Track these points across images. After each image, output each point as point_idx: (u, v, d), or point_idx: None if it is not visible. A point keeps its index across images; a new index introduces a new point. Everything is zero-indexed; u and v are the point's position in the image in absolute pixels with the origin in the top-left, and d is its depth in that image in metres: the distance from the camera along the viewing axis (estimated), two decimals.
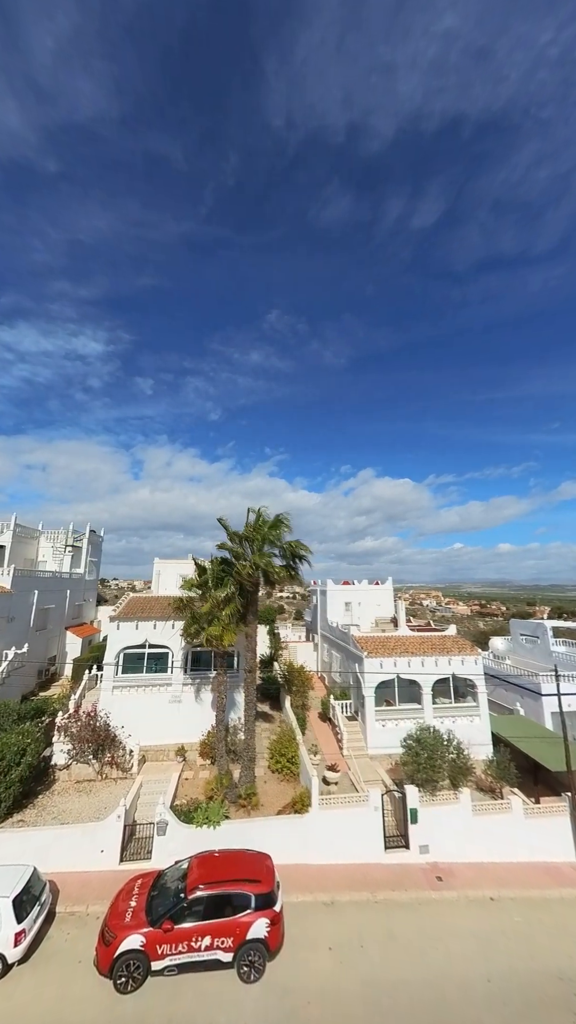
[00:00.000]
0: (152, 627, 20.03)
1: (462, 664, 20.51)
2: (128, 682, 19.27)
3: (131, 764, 17.23)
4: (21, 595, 23.16)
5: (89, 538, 33.19)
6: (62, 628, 27.91)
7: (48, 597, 26.13)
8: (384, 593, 31.42)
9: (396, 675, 20.15)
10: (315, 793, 14.05)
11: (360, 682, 20.51)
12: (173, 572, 28.66)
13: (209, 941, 9.52)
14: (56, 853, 12.41)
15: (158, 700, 19.28)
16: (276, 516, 17.73)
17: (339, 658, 25.75)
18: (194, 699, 19.66)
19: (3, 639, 21.22)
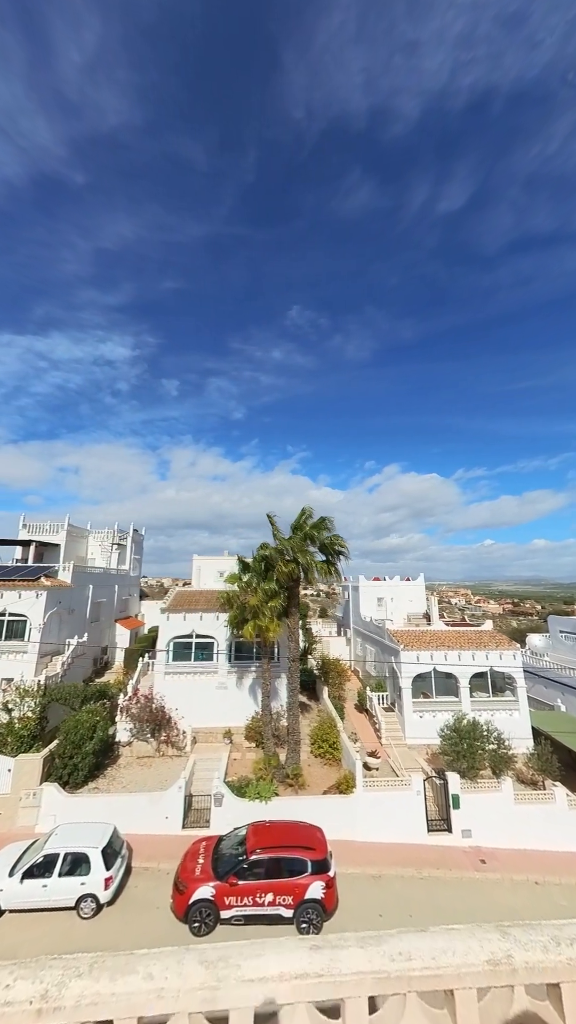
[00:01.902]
0: (199, 618, 21.45)
1: (500, 659, 20.60)
2: (178, 669, 20.81)
3: (185, 743, 18.71)
4: (79, 589, 25.33)
5: (132, 537, 35.42)
6: (112, 620, 30.13)
7: (100, 592, 28.31)
8: (416, 589, 31.59)
9: (433, 668, 20.54)
10: (359, 776, 14.86)
11: (397, 674, 21.06)
12: (211, 568, 30.20)
13: (271, 898, 10.62)
14: (128, 817, 13.93)
15: (205, 686, 20.69)
16: (321, 518, 18.45)
17: (373, 651, 26.33)
18: (237, 686, 20.94)
19: (66, 629, 23.37)
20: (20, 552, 28.78)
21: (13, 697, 18.33)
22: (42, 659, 21.17)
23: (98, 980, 1.10)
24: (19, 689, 18.62)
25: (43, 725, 17.61)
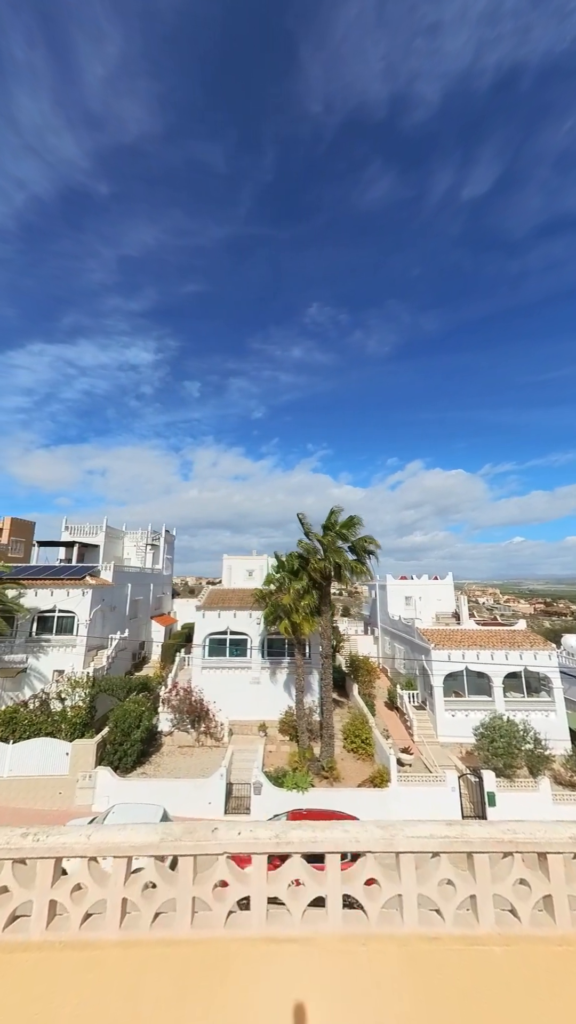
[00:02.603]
0: (232, 616, 22.35)
1: (534, 659, 20.37)
2: (214, 664, 21.78)
3: (223, 735, 19.63)
4: (119, 588, 26.85)
5: (164, 537, 36.99)
6: (148, 617, 31.65)
7: (137, 590, 29.83)
8: (445, 588, 31.39)
9: (465, 667, 20.57)
10: (393, 770, 15.25)
11: (428, 672, 21.21)
12: (241, 567, 31.18)
13: None
14: (174, 800, 14.87)
15: (240, 680, 21.56)
16: (350, 516, 18.95)
17: (402, 650, 26.47)
18: (270, 681, 21.69)
19: (108, 625, 24.88)
20: (64, 552, 30.72)
21: (66, 687, 19.85)
22: (89, 652, 22.69)
23: (312, 831, 1.73)
24: (71, 680, 20.12)
25: (93, 714, 18.97)
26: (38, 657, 22.48)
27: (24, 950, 1.62)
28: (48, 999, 1.56)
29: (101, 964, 1.61)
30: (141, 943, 1.65)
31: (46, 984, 1.56)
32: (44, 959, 1.61)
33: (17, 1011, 1.55)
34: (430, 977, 1.58)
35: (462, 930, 1.70)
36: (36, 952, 1.62)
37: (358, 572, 18.46)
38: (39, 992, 1.56)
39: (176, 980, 1.57)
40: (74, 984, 1.57)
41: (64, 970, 1.59)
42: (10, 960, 1.60)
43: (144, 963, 1.60)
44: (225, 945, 1.65)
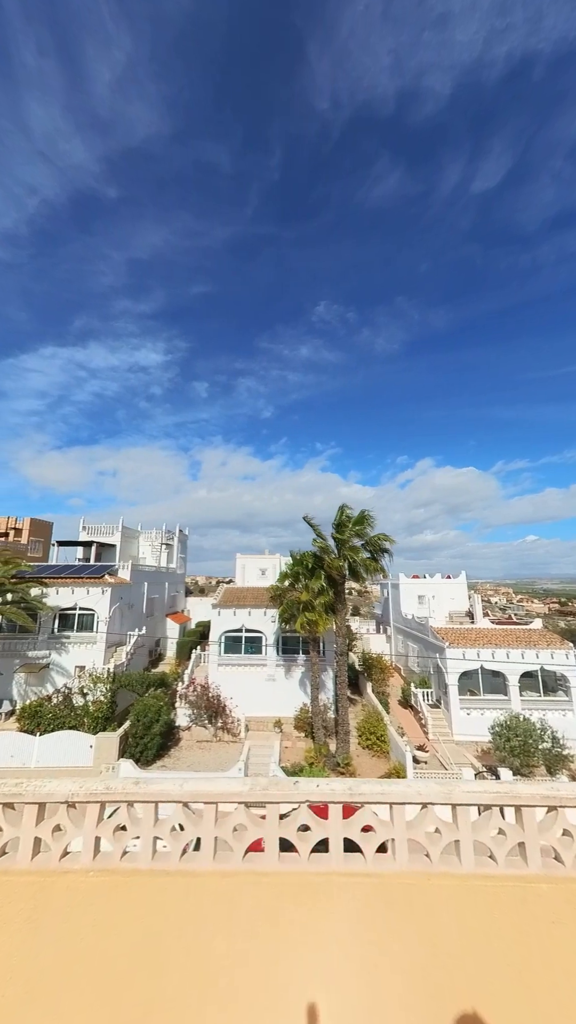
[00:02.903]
0: (247, 614, 22.71)
1: (551, 658, 20.24)
2: (230, 661, 22.17)
3: (239, 730, 19.99)
4: (136, 586, 27.45)
5: (178, 537, 37.61)
6: (163, 615, 32.24)
7: (153, 588, 30.43)
8: (458, 587, 31.29)
9: (480, 665, 20.55)
10: (409, 767, 15.38)
11: (442, 671, 21.24)
12: (254, 566, 31.57)
13: None
14: None
15: (255, 677, 21.90)
16: (361, 512, 19.16)
17: (416, 648, 26.50)
18: (285, 678, 21.98)
19: (126, 623, 25.47)
20: (82, 552, 31.50)
21: (87, 683, 20.44)
22: (108, 649, 23.29)
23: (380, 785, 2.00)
24: (92, 676, 20.72)
25: (114, 708, 19.52)
26: (60, 653, 23.17)
27: (136, 875, 1.93)
28: (158, 915, 1.87)
29: (200, 889, 1.91)
30: (234, 873, 1.94)
31: (156, 903, 1.87)
32: (153, 883, 1.92)
33: (132, 925, 1.86)
34: (486, 906, 1.84)
35: (513, 871, 1.95)
36: (147, 877, 1.93)
37: (373, 570, 18.64)
38: (149, 909, 1.87)
39: (266, 902, 1.87)
40: (178, 903, 1.87)
41: (169, 892, 1.90)
42: (126, 883, 1.92)
43: (238, 888, 1.90)
44: (308, 877, 1.93)
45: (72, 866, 1.98)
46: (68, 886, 1.94)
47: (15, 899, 1.91)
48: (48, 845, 2.06)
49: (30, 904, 1.91)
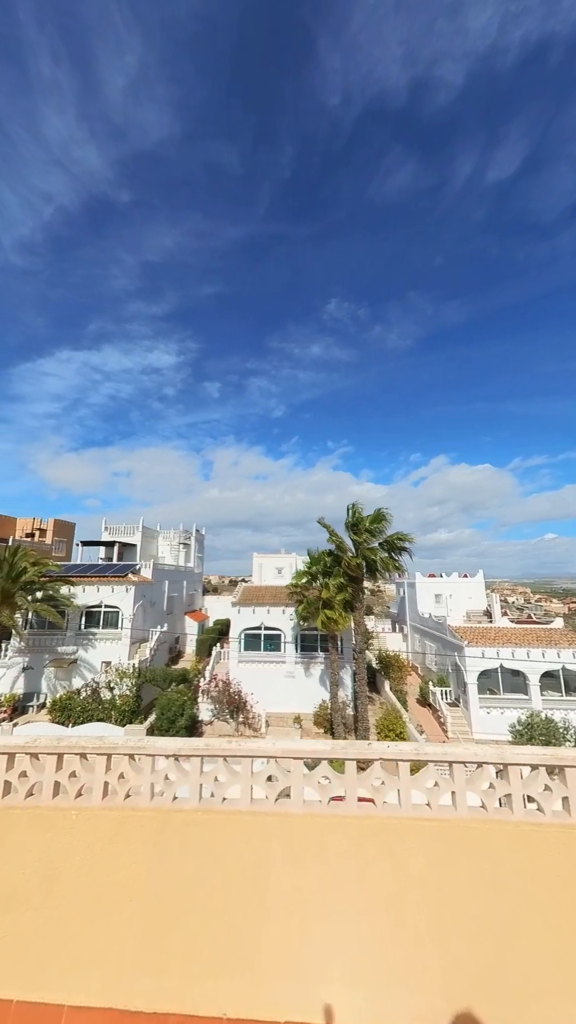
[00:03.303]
0: (266, 612, 23.16)
1: (573, 657, 20.06)
2: (250, 658, 22.66)
3: (260, 725, 20.46)
4: (157, 585, 28.24)
5: (195, 536, 38.39)
6: (182, 613, 33.02)
7: (172, 587, 31.21)
8: (475, 586, 31.14)
9: (499, 664, 20.51)
10: None
11: (461, 670, 21.28)
12: (271, 565, 32.05)
13: None
14: None
15: (275, 674, 22.34)
16: (377, 510, 19.37)
17: (433, 647, 26.52)
18: (304, 675, 22.35)
19: (149, 620, 26.26)
20: (104, 551, 32.51)
21: (114, 677, 21.23)
22: (132, 645, 24.08)
23: (443, 747, 2.36)
24: (118, 671, 21.49)
25: (139, 702, 20.24)
26: (87, 649, 24.07)
27: (238, 815, 2.34)
28: (258, 847, 2.27)
29: (293, 827, 2.30)
30: (320, 815, 2.33)
31: (257, 838, 2.28)
32: (253, 821, 2.32)
33: (235, 854, 2.28)
34: (536, 847, 2.18)
35: (559, 820, 2.27)
36: (247, 817, 2.34)
37: (392, 568, 18.83)
38: (250, 843, 2.28)
39: (349, 839, 2.25)
40: (275, 838, 2.27)
41: (268, 829, 2.30)
42: (229, 820, 2.33)
43: (325, 828, 2.28)
44: (383, 820, 2.30)
45: (183, 807, 2.40)
46: (182, 821, 2.36)
47: (142, 829, 2.34)
48: (162, 790, 2.48)
49: (154, 834, 2.34)
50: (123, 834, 2.39)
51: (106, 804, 2.48)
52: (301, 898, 2.18)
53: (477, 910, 2.10)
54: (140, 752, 2.50)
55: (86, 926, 2.31)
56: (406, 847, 2.23)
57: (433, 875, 2.17)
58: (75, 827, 2.43)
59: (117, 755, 2.57)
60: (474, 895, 2.10)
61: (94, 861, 2.37)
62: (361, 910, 2.15)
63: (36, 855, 2.42)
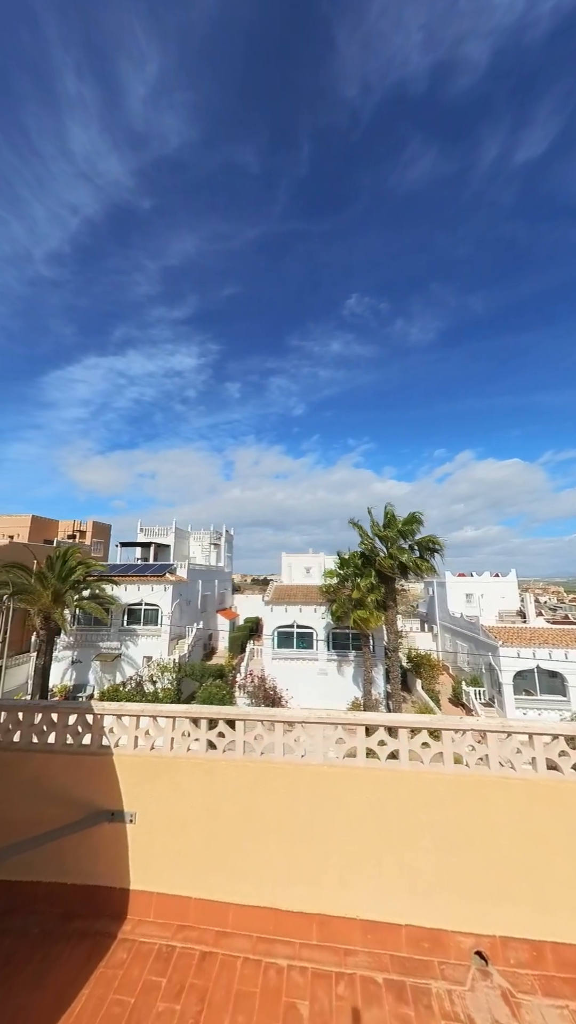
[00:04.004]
0: (298, 610, 23.84)
1: None
2: (283, 655, 23.41)
3: None
4: (192, 584, 29.50)
5: (224, 536, 39.62)
6: (214, 611, 34.24)
7: (205, 586, 32.45)
8: (508, 586, 30.65)
9: (536, 665, 20.32)
10: None
11: (495, 670, 21.21)
12: (299, 564, 32.71)
13: None
14: None
15: (307, 671, 22.99)
16: (410, 513, 19.68)
17: (465, 647, 26.42)
18: (337, 673, 22.88)
19: (185, 618, 27.53)
20: (139, 552, 34.16)
21: (156, 671, 22.51)
22: (171, 641, 25.36)
23: (523, 722, 2.92)
24: (159, 665, 22.77)
25: (179, 696, 21.39)
26: (128, 645, 25.54)
27: (355, 769, 2.99)
28: (372, 796, 2.92)
29: (402, 781, 2.92)
30: (381, 768, 2.98)
31: (374, 787, 2.92)
32: (367, 775, 2.97)
33: (353, 799, 2.93)
34: (554, 797, 2.77)
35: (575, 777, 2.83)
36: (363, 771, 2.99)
37: (424, 570, 19.08)
38: (363, 790, 2.93)
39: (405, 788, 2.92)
40: (389, 786, 2.91)
41: (383, 780, 2.94)
42: (347, 773, 3.00)
43: (432, 783, 2.90)
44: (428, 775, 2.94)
45: (310, 762, 3.07)
46: (310, 772, 3.03)
47: (279, 778, 3.03)
48: (291, 748, 3.16)
49: (288, 781, 3.02)
50: (264, 781, 3.07)
51: (247, 758, 3.16)
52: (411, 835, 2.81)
53: (549, 850, 2.67)
54: (271, 719, 3.19)
55: (241, 848, 3.01)
56: (445, 795, 2.88)
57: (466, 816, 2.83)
58: (227, 774, 3.13)
59: (251, 720, 3.27)
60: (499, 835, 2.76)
61: (245, 801, 3.07)
62: (457, 847, 2.77)
63: (199, 794, 3.14)
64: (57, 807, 3.22)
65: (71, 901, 3.06)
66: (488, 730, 2.96)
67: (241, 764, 3.15)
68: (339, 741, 3.11)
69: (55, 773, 3.31)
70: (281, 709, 3.28)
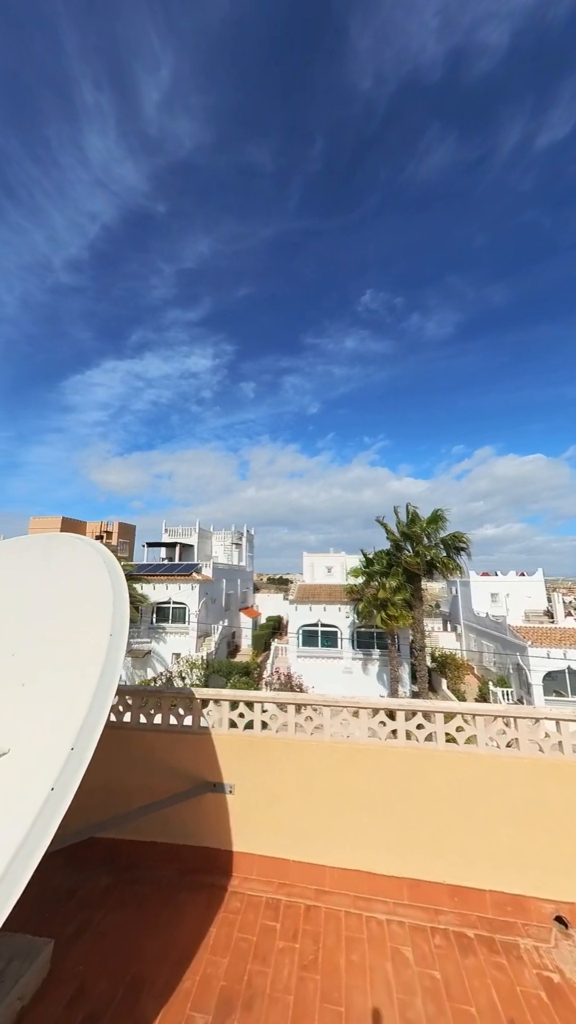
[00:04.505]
0: (322, 609, 24.16)
1: None
2: (308, 653, 23.79)
3: None
4: (216, 583, 30.23)
5: (246, 536, 40.28)
6: (237, 610, 34.93)
7: (229, 585, 33.16)
8: (534, 585, 30.12)
9: (568, 666, 20.03)
10: None
11: (523, 670, 21.00)
12: (321, 564, 33.00)
13: None
14: None
15: (332, 669, 23.29)
16: (434, 512, 19.75)
17: (491, 647, 26.17)
18: (362, 672, 23.10)
19: (211, 616, 28.27)
20: (164, 552, 35.15)
21: (184, 667, 23.27)
22: (198, 639, 26.11)
23: None
24: (188, 662, 23.51)
25: None
26: (157, 642, 26.45)
27: (436, 751, 3.33)
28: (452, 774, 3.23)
29: (480, 763, 3.24)
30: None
31: (455, 767, 3.24)
32: (448, 757, 3.30)
33: (437, 777, 3.25)
34: None
35: None
36: (444, 753, 3.32)
37: (450, 569, 19.10)
38: (445, 769, 3.26)
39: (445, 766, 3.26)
40: (467, 768, 3.22)
41: (461, 761, 3.26)
42: (430, 755, 3.32)
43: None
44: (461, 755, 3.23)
45: (394, 744, 3.42)
46: (395, 754, 3.36)
47: (366, 758, 3.40)
48: (376, 731, 3.52)
49: (374, 761, 3.38)
50: (352, 760, 3.43)
51: (334, 739, 3.52)
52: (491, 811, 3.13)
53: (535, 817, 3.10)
54: (355, 706, 3.54)
55: (334, 819, 3.38)
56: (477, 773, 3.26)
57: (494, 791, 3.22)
58: (316, 753, 3.51)
59: (336, 707, 3.63)
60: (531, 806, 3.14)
61: (335, 777, 3.44)
62: (535, 823, 3.06)
63: (291, 770, 3.53)
64: (166, 779, 3.66)
65: (184, 859, 3.49)
66: (561, 719, 3.24)
67: (329, 745, 3.51)
68: (419, 726, 3.43)
69: (163, 749, 3.76)
70: (365, 697, 3.62)
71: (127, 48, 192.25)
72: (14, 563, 3.67)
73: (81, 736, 1.78)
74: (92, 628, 2.41)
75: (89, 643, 2.32)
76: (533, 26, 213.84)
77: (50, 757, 1.72)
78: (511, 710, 3.33)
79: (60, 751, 1.73)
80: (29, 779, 1.70)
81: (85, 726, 1.82)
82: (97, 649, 2.22)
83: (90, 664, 2.13)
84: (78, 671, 2.15)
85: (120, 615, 2.45)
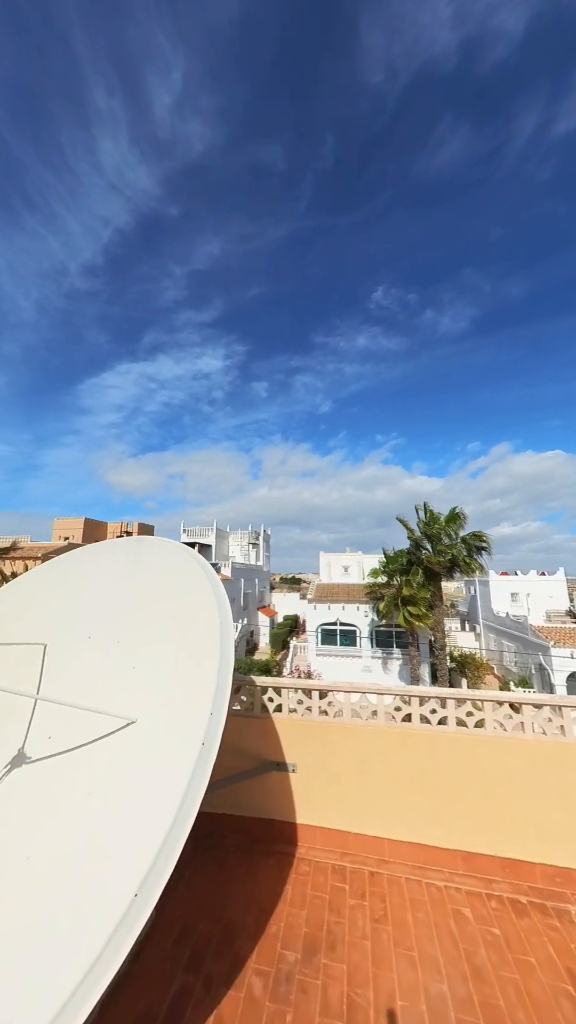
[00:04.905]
0: (341, 608, 24.42)
1: None
2: (327, 652, 24.09)
3: None
4: (235, 582, 30.79)
5: (263, 536, 40.80)
6: (255, 609, 35.46)
7: (247, 584, 33.70)
8: (556, 584, 29.67)
9: None
10: None
11: (546, 670, 20.82)
12: (337, 563, 33.21)
13: None
14: None
15: (351, 668, 23.53)
16: (452, 510, 19.79)
17: (512, 647, 25.95)
18: (382, 670, 23.27)
19: None
20: None
21: None
22: None
23: None
24: None
25: None
26: None
27: (483, 737, 3.62)
28: (498, 759, 3.54)
29: (528, 748, 3.52)
30: (549, 741, 3.53)
31: (500, 752, 3.54)
32: (494, 742, 3.59)
33: (485, 761, 3.55)
34: None
35: None
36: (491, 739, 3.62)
37: (472, 568, 19.11)
38: (490, 753, 3.55)
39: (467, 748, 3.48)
40: (512, 753, 3.51)
41: (507, 747, 3.55)
42: (479, 741, 3.62)
43: (554, 749, 3.49)
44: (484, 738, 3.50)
45: (446, 730, 3.74)
46: (447, 739, 3.69)
47: (420, 743, 3.70)
48: (427, 717, 3.83)
49: (428, 745, 3.70)
50: (407, 744, 3.75)
51: (388, 724, 3.86)
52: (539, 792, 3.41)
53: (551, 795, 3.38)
54: (407, 694, 3.87)
55: (390, 797, 3.71)
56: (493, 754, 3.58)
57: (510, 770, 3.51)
58: (372, 737, 3.84)
59: (390, 694, 3.96)
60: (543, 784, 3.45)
61: (390, 759, 3.77)
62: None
63: (349, 752, 3.87)
64: (236, 758, 4.06)
65: (253, 830, 3.88)
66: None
67: (384, 729, 3.84)
68: (469, 714, 3.73)
69: (232, 731, 4.14)
70: (416, 687, 3.95)
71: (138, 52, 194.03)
72: (114, 560, 4.15)
73: (216, 701, 2.19)
74: (199, 620, 2.81)
75: (195, 636, 2.73)
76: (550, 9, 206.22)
77: (195, 719, 2.13)
78: (557, 699, 3.60)
79: (201, 717, 2.13)
80: (176, 741, 2.11)
81: (217, 698, 2.22)
82: (209, 639, 2.62)
83: (206, 657, 2.53)
84: (194, 661, 2.55)
85: (223, 610, 2.83)
